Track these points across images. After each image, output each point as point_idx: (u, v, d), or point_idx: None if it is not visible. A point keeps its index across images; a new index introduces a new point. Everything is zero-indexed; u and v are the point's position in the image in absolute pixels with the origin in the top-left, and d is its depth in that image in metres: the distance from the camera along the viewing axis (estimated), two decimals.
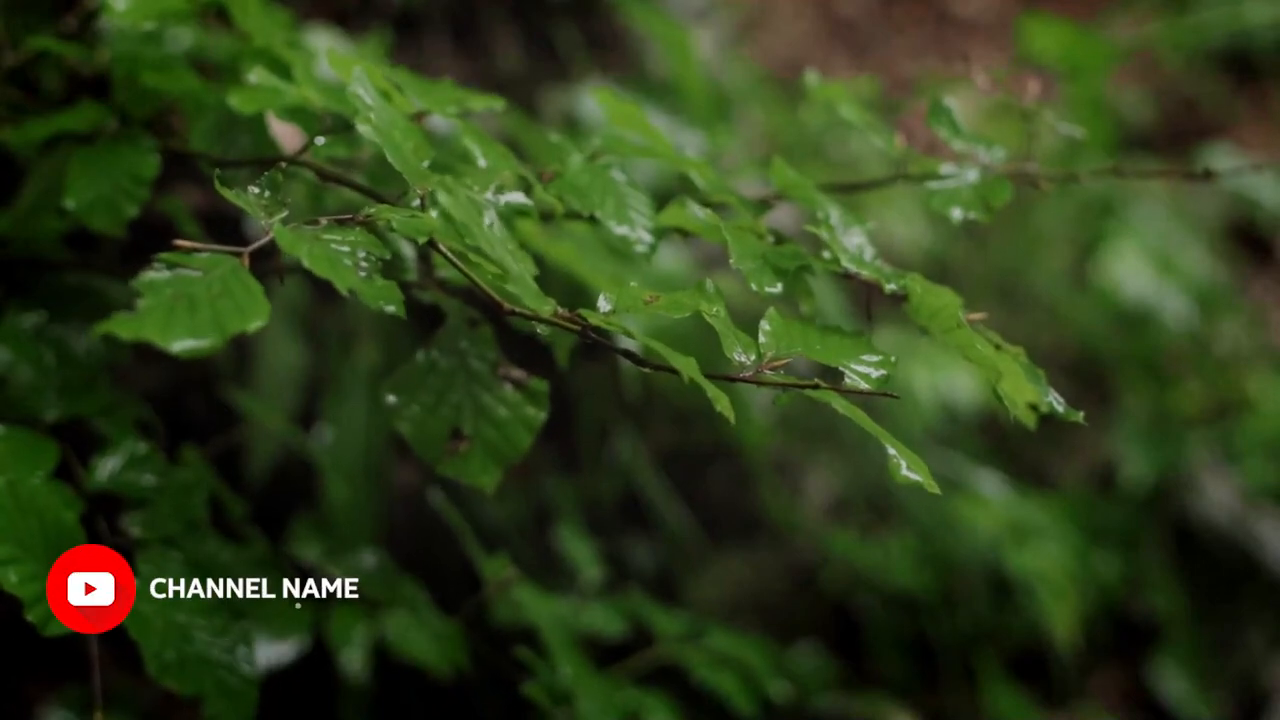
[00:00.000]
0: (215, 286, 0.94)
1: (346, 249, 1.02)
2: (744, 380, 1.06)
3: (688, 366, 1.01)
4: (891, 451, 1.04)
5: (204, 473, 1.41)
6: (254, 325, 0.93)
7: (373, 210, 1.05)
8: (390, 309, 0.99)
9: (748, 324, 1.11)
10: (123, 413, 1.39)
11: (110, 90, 1.38)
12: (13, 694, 1.57)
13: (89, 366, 1.39)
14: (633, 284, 1.09)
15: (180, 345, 0.90)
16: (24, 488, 1.18)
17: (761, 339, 1.08)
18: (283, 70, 1.33)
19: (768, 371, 1.06)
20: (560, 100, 2.22)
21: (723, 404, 1.01)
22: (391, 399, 1.21)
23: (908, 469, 1.04)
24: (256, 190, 1.04)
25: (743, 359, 1.07)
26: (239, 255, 0.98)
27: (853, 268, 1.17)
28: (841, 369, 1.08)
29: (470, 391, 1.22)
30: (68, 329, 1.40)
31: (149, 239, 1.36)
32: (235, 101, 1.26)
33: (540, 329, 1.09)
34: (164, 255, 0.95)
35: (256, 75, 1.28)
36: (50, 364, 1.37)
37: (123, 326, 0.90)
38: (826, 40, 3.64)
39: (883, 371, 1.08)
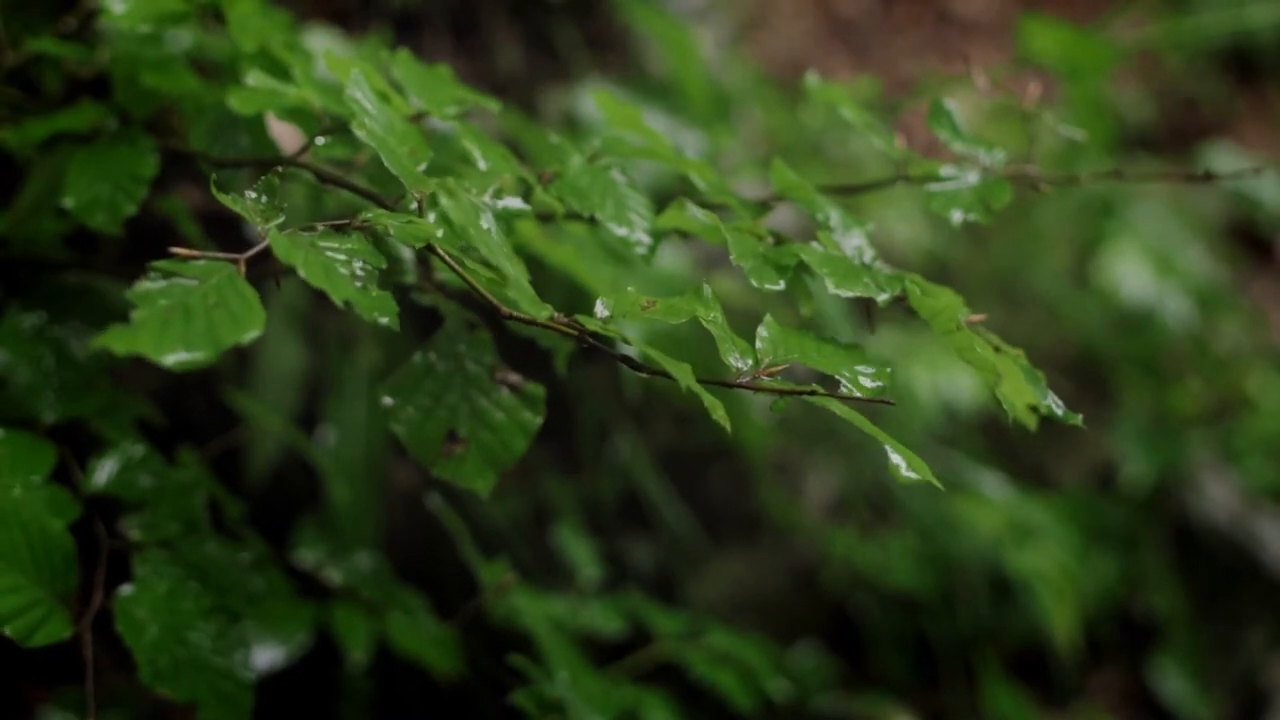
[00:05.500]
0: (211, 296, 0.93)
1: (343, 256, 1.01)
2: (741, 386, 1.05)
3: (683, 374, 1.00)
4: (892, 454, 1.04)
5: (202, 474, 1.41)
6: (248, 336, 0.92)
7: (370, 215, 1.05)
8: (384, 320, 0.99)
9: (748, 324, 1.11)
10: (122, 414, 1.38)
11: (110, 90, 1.37)
12: (12, 696, 1.56)
13: (88, 368, 1.38)
14: (630, 289, 1.09)
15: (174, 358, 0.90)
16: (4, 501, 1.16)
17: (759, 345, 1.08)
18: (282, 71, 1.33)
19: (765, 378, 1.06)
20: (560, 100, 2.22)
21: (719, 413, 1.00)
22: (388, 400, 1.20)
23: (908, 469, 1.04)
24: (253, 195, 1.03)
25: (740, 364, 1.06)
26: (235, 262, 0.97)
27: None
28: (838, 377, 1.08)
29: (467, 395, 1.21)
30: (67, 330, 1.39)
31: (149, 239, 1.35)
32: (234, 102, 1.25)
33: (539, 335, 1.08)
34: (159, 263, 0.94)
35: (254, 77, 1.28)
36: (49, 365, 1.36)
37: (117, 340, 0.89)
38: (826, 40, 3.63)
39: (878, 382, 1.07)
